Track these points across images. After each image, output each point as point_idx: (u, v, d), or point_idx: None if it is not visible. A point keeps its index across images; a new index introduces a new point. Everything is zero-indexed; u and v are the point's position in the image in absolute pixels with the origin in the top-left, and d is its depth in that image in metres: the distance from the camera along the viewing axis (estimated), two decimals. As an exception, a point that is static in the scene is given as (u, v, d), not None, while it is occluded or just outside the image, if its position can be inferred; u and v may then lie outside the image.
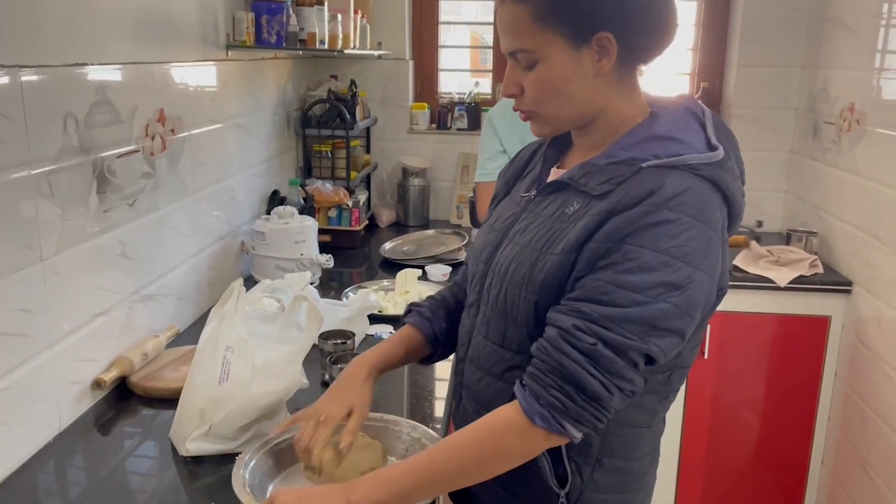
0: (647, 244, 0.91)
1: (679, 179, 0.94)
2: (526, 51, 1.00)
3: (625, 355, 0.92)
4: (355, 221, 2.66)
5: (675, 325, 0.93)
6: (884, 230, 2.20)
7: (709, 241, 0.94)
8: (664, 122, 1.01)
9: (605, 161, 1.01)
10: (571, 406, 0.93)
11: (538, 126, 1.06)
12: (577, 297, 0.95)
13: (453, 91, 3.22)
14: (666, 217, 0.91)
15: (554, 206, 1.05)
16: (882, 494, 2.15)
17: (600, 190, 0.98)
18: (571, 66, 0.99)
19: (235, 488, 1.09)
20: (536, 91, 1.02)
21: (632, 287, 0.91)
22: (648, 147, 0.98)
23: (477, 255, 1.16)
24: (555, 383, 0.93)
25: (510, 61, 1.03)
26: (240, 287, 1.31)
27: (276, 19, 2.11)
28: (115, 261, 1.53)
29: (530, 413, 0.95)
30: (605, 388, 0.92)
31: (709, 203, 0.95)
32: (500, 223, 1.14)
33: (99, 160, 1.44)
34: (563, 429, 0.94)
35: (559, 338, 0.94)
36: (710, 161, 0.97)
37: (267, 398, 1.25)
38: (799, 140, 2.90)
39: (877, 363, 2.21)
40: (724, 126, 1.05)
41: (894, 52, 2.22)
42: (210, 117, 1.98)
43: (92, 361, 1.47)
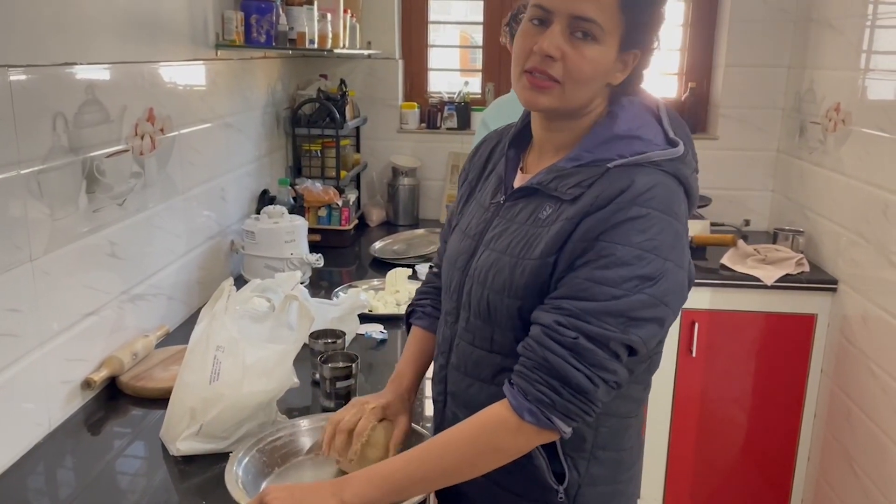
0: (619, 240, 0.95)
1: (646, 176, 0.98)
2: (598, 24, 0.98)
3: (606, 347, 0.95)
4: (345, 221, 2.67)
5: (651, 314, 0.96)
6: (868, 229, 2.23)
7: (676, 233, 0.98)
8: (624, 121, 1.03)
9: (572, 164, 1.03)
10: (558, 400, 0.95)
11: (550, 98, 1.02)
12: (558, 296, 0.98)
13: (443, 90, 3.22)
14: (636, 213, 0.95)
15: (527, 212, 1.06)
16: (867, 490, 2.18)
17: (571, 194, 1.00)
18: (610, 63, 1.01)
19: (228, 485, 1.10)
20: (579, 66, 0.99)
21: (608, 282, 0.94)
22: (612, 147, 1.01)
23: (452, 263, 1.15)
24: (541, 378, 0.96)
25: (562, 24, 0.99)
26: (230, 286, 1.31)
27: (265, 19, 2.11)
28: (105, 260, 1.52)
29: (519, 409, 0.96)
30: (589, 381, 0.95)
31: (674, 197, 0.99)
32: (472, 229, 1.14)
33: (88, 160, 1.44)
34: (551, 423, 0.96)
35: (542, 334, 0.96)
36: (673, 157, 1.01)
37: (257, 397, 1.26)
38: (785, 140, 2.92)
39: (862, 360, 2.23)
40: (677, 118, 1.08)
41: (880, 53, 2.25)
42: (199, 117, 1.98)
43: (82, 361, 1.46)
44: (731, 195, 3.02)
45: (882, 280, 2.13)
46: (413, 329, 1.29)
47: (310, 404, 1.52)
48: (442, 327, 1.18)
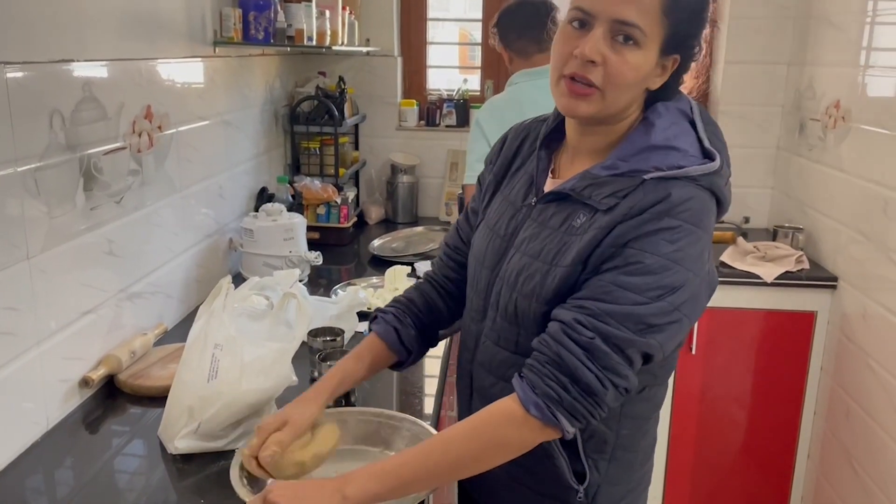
0: (648, 248, 0.95)
1: (682, 189, 0.98)
2: (641, 28, 0.96)
3: (622, 352, 0.95)
4: (344, 218, 2.66)
5: (670, 321, 0.96)
6: (868, 226, 2.22)
7: (702, 246, 0.99)
8: (660, 130, 1.02)
9: (607, 173, 1.02)
10: (566, 397, 0.94)
11: (589, 105, 1.00)
12: (581, 296, 0.98)
13: (442, 88, 3.21)
14: (668, 224, 0.96)
15: (560, 218, 1.05)
16: (867, 487, 2.17)
17: (606, 204, 1.00)
18: (651, 68, 1.00)
19: (233, 481, 1.09)
20: (621, 72, 0.98)
21: (633, 288, 0.95)
22: (649, 158, 1.00)
23: (480, 261, 1.15)
24: (551, 374, 0.95)
25: (603, 28, 0.97)
26: (228, 284, 1.30)
27: (263, 16, 2.11)
28: (103, 258, 1.52)
29: (526, 402, 0.96)
30: (599, 383, 0.94)
31: (707, 211, 1.00)
32: (502, 228, 1.13)
33: (85, 157, 1.43)
34: (556, 419, 0.95)
35: (560, 331, 0.96)
36: (709, 171, 1.01)
37: (256, 396, 1.25)
38: (785, 137, 2.92)
39: (862, 358, 2.23)
40: (710, 120, 1.07)
41: (879, 50, 2.24)
42: (197, 114, 1.97)
43: (79, 360, 1.46)
44: (730, 192, 3.00)
45: (882, 277, 2.13)
46: (370, 334, 1.24)
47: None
48: (468, 324, 1.18)
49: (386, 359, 1.23)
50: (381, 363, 1.23)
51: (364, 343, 1.23)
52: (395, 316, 1.24)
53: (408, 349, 1.22)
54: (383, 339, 1.22)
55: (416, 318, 1.24)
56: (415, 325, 1.24)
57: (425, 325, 1.25)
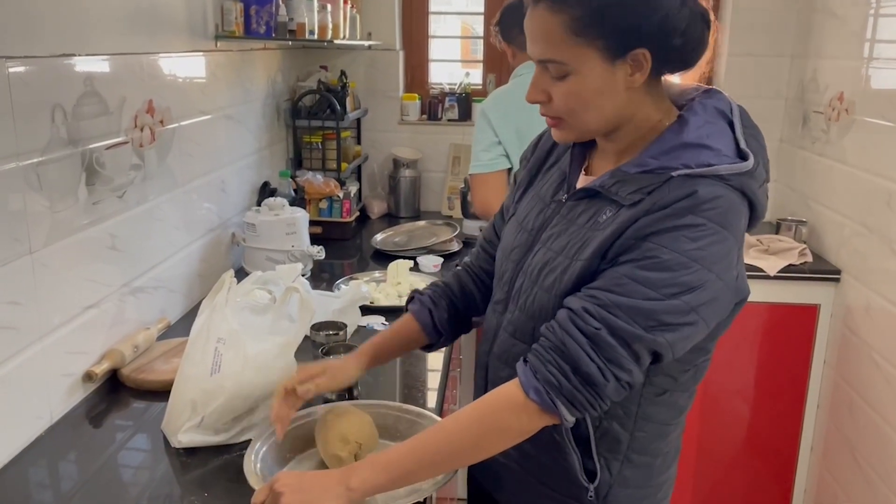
0: (667, 244, 0.93)
1: (710, 187, 0.94)
2: (558, 62, 0.98)
3: (628, 346, 0.93)
4: (346, 213, 2.66)
5: (682, 321, 0.94)
6: (872, 219, 2.22)
7: (728, 248, 0.95)
8: (694, 128, 0.99)
9: (636, 170, 1.00)
10: (566, 385, 0.94)
11: (563, 133, 1.05)
12: (594, 286, 0.97)
13: (444, 82, 3.21)
14: (691, 221, 0.93)
15: (587, 215, 1.04)
16: (870, 480, 2.17)
17: (631, 200, 0.98)
18: (605, 79, 0.98)
19: (246, 471, 1.09)
20: (566, 102, 1.00)
21: (647, 283, 0.93)
22: (679, 156, 0.97)
23: (507, 254, 1.15)
24: (553, 360, 0.95)
25: (538, 67, 1.01)
26: (231, 279, 1.30)
27: (265, 9, 2.10)
28: (105, 253, 1.52)
29: (526, 386, 0.96)
30: (600, 374, 0.93)
31: (735, 212, 0.96)
32: (529, 223, 1.13)
33: (87, 152, 1.43)
34: (554, 406, 0.94)
35: (567, 318, 0.96)
36: (741, 171, 0.97)
37: (259, 390, 1.25)
38: (788, 129, 2.91)
39: (865, 351, 2.23)
40: (751, 123, 1.04)
41: (883, 42, 2.23)
42: (199, 108, 1.97)
43: (82, 354, 1.46)
44: (733, 186, 3.00)
45: (885, 270, 2.12)
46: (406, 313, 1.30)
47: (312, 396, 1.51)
48: (490, 315, 1.19)
49: (418, 338, 1.27)
50: (413, 342, 1.27)
51: (399, 321, 1.29)
52: (430, 298, 1.27)
53: (439, 331, 1.26)
54: (417, 318, 1.26)
55: (450, 302, 1.27)
56: (448, 308, 1.27)
57: (459, 309, 1.28)
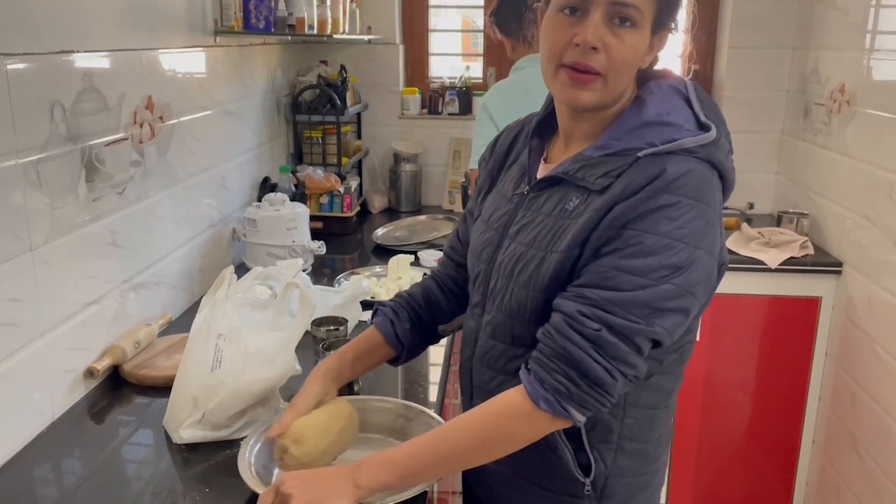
0: (648, 228, 0.92)
1: (678, 163, 0.94)
2: (638, 8, 0.95)
3: (629, 340, 0.93)
4: (347, 208, 2.66)
5: (678, 305, 0.93)
6: (873, 211, 2.21)
7: (708, 220, 0.94)
8: (653, 107, 1.00)
9: (599, 153, 1.00)
10: (575, 391, 0.93)
11: (591, 94, 0.98)
12: (582, 284, 0.95)
13: (444, 75, 3.20)
14: (666, 201, 0.92)
15: (552, 203, 1.03)
16: (872, 472, 2.17)
17: (600, 185, 0.97)
18: (646, 46, 0.99)
19: (242, 473, 1.09)
20: (622, 55, 0.96)
21: (635, 271, 0.92)
22: (642, 135, 0.97)
23: (477, 255, 1.14)
24: (559, 368, 0.94)
25: (601, 12, 0.95)
26: (231, 274, 1.30)
27: (264, 4, 2.09)
28: (106, 249, 1.52)
29: (535, 397, 0.95)
30: (608, 374, 0.93)
31: (707, 184, 0.96)
32: (495, 220, 1.12)
33: (87, 148, 1.43)
34: (566, 413, 0.94)
35: (564, 324, 0.94)
36: (705, 142, 0.97)
37: (260, 385, 1.25)
38: (790, 121, 2.90)
39: (867, 343, 2.22)
40: (708, 98, 1.04)
41: (885, 33, 2.22)
42: (199, 104, 1.96)
43: (84, 350, 1.46)
44: (734, 178, 2.99)
45: (887, 262, 2.12)
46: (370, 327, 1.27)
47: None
48: (469, 320, 1.17)
49: (381, 351, 1.24)
50: (376, 355, 1.24)
51: (362, 334, 1.25)
52: (392, 309, 1.25)
53: (402, 342, 1.23)
54: (379, 330, 1.23)
55: (413, 313, 1.25)
56: (411, 318, 1.24)
57: (424, 319, 1.26)
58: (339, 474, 0.98)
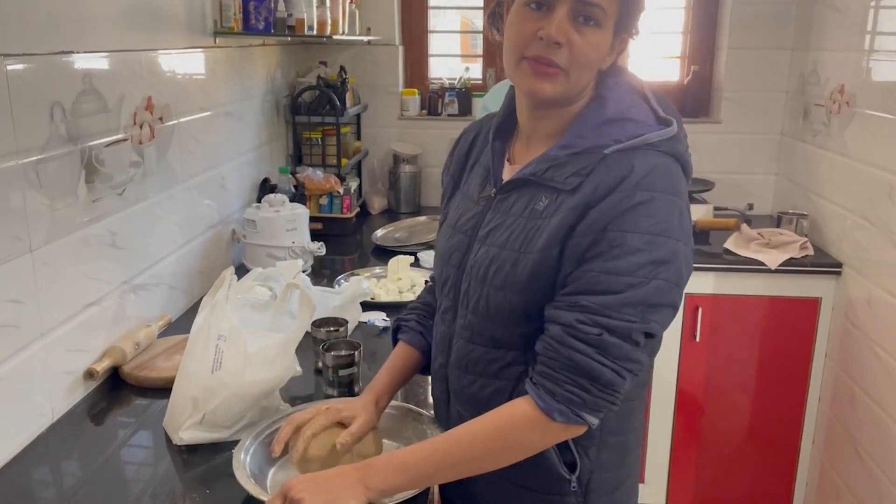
0: (628, 227, 0.94)
1: (646, 159, 0.97)
2: (603, 8, 0.97)
3: (629, 339, 0.94)
4: (347, 209, 2.66)
5: (668, 299, 0.96)
6: (873, 212, 2.21)
7: (680, 211, 0.97)
8: (613, 104, 1.02)
9: (565, 152, 1.02)
10: (588, 397, 0.95)
11: (554, 86, 0.99)
12: (573, 291, 0.96)
13: (443, 76, 3.20)
14: (640, 198, 0.94)
15: (521, 204, 1.04)
16: (872, 473, 2.17)
17: (570, 184, 0.99)
18: (608, 46, 1.01)
19: (239, 478, 1.08)
20: (585, 53, 0.98)
21: (623, 272, 0.93)
22: (606, 132, 1.00)
23: (445, 260, 1.14)
24: (568, 378, 0.95)
25: (566, 9, 0.96)
26: (231, 275, 1.30)
27: (263, 5, 2.10)
28: (106, 250, 1.52)
29: (548, 411, 0.96)
30: (617, 374, 0.95)
31: (675, 176, 0.99)
32: (463, 224, 1.12)
33: (87, 149, 1.43)
34: (581, 419, 0.96)
35: (564, 334, 0.95)
36: (668, 136, 1.00)
37: (260, 386, 1.25)
38: (789, 122, 2.90)
39: (867, 344, 2.22)
40: (663, 96, 1.07)
41: (884, 34, 2.22)
42: (199, 105, 1.96)
43: (84, 352, 1.46)
44: (734, 179, 3.00)
45: (887, 263, 2.12)
46: (398, 344, 1.27)
47: (313, 392, 1.51)
48: (439, 326, 1.17)
49: (417, 365, 1.25)
50: (413, 370, 1.25)
51: (395, 354, 1.26)
52: (416, 322, 1.26)
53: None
54: (412, 345, 1.24)
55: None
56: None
57: None
58: (348, 475, 0.98)
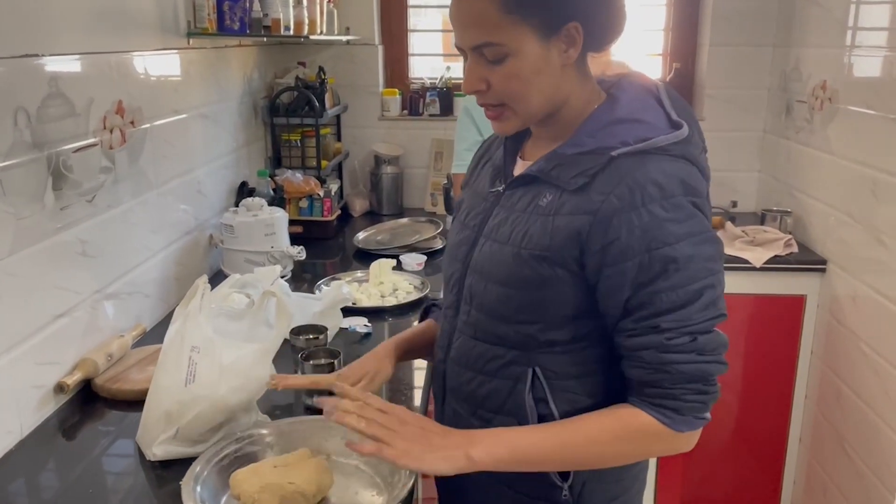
0: (671, 240, 0.93)
1: (657, 165, 0.94)
2: (495, 44, 0.95)
3: (712, 329, 0.96)
4: (327, 211, 2.62)
5: (721, 284, 0.97)
6: (857, 208, 2.20)
7: (704, 210, 0.97)
8: (624, 104, 1.00)
9: (573, 151, 0.99)
10: (707, 398, 0.96)
11: (506, 123, 1.02)
12: (648, 315, 0.95)
13: (425, 76, 3.16)
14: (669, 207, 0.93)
15: (526, 200, 1.03)
16: (859, 470, 2.17)
17: (575, 184, 0.97)
18: (542, 58, 0.96)
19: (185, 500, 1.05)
20: (507, 86, 0.97)
21: (685, 282, 0.93)
22: (614, 132, 0.97)
23: (453, 255, 1.13)
24: (685, 390, 0.95)
25: (472, 56, 0.98)
26: (204, 284, 1.26)
27: (238, 5, 2.05)
28: (76, 259, 1.47)
29: (675, 426, 0.96)
30: (718, 364, 0.96)
31: (692, 177, 0.97)
32: (471, 219, 1.11)
33: (54, 155, 1.38)
34: (704, 420, 0.97)
35: (659, 353, 0.94)
36: (678, 140, 0.98)
37: (236, 398, 1.21)
38: (772, 119, 2.89)
39: (852, 341, 2.22)
40: (679, 99, 1.05)
41: (865, 29, 2.21)
42: (173, 108, 1.92)
43: (54, 364, 1.41)
44: (717, 177, 2.93)
45: (871, 259, 2.11)
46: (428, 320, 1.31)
47: (293, 402, 1.48)
48: (442, 321, 1.16)
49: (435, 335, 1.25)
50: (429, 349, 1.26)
51: (424, 323, 1.30)
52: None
53: None
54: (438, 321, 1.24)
55: None
56: None
57: None
58: (451, 437, 0.97)
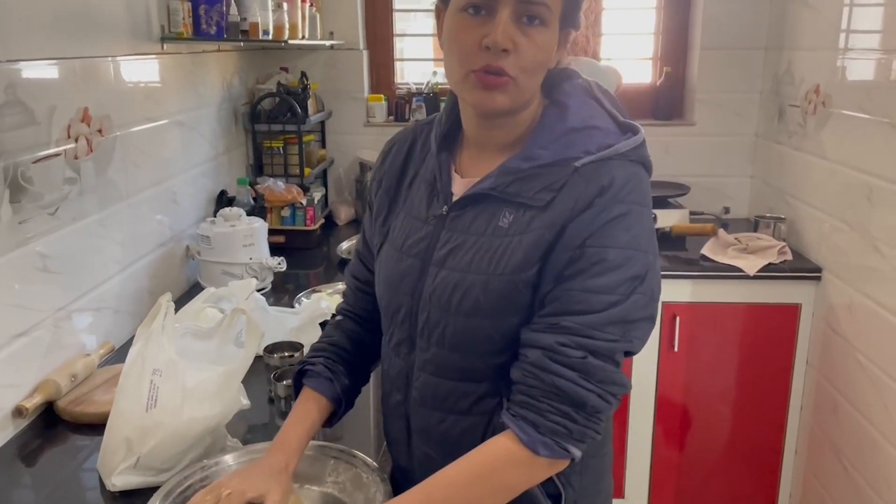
0: (607, 242, 0.89)
1: (621, 170, 0.91)
2: (547, 4, 0.89)
3: (612, 360, 0.89)
4: (310, 220, 2.55)
5: (646, 314, 0.92)
6: (851, 214, 2.15)
7: (650, 223, 0.94)
8: (574, 112, 0.95)
9: (529, 164, 0.93)
10: (574, 427, 0.89)
11: (506, 96, 0.91)
12: (553, 312, 0.89)
13: (411, 81, 3.10)
14: (619, 211, 0.90)
15: (482, 221, 0.95)
16: (855, 481, 2.11)
17: (541, 200, 0.91)
18: (555, 44, 0.94)
19: None
20: (533, 56, 0.90)
21: (603, 289, 0.88)
22: (572, 142, 0.93)
23: (394, 287, 1.02)
24: (552, 407, 0.88)
25: (509, 9, 0.87)
26: (167, 303, 1.19)
27: (214, 9, 1.99)
28: (36, 275, 1.40)
29: (532, 444, 0.88)
30: (603, 399, 0.89)
31: (646, 185, 0.95)
32: (412, 246, 1.01)
33: (11, 166, 1.31)
34: (567, 452, 0.90)
35: (545, 358, 0.88)
36: (637, 144, 0.95)
37: (201, 424, 1.14)
38: (764, 124, 2.84)
39: (848, 350, 2.16)
40: (608, 93, 1.01)
41: (858, 32, 2.16)
42: (145, 115, 1.85)
43: (12, 387, 1.34)
44: (709, 182, 2.93)
45: (867, 267, 2.06)
46: (303, 389, 1.11)
47: (268, 422, 1.41)
48: (392, 359, 1.06)
49: (323, 415, 1.10)
50: (319, 421, 1.10)
51: (300, 402, 1.10)
52: (324, 366, 1.11)
53: (343, 400, 1.11)
54: (320, 392, 1.09)
55: (347, 365, 1.13)
56: (347, 371, 1.13)
57: (357, 368, 1.14)
58: None
